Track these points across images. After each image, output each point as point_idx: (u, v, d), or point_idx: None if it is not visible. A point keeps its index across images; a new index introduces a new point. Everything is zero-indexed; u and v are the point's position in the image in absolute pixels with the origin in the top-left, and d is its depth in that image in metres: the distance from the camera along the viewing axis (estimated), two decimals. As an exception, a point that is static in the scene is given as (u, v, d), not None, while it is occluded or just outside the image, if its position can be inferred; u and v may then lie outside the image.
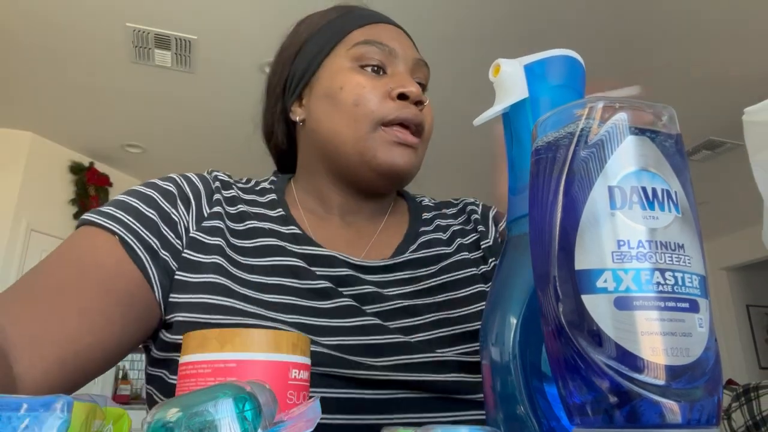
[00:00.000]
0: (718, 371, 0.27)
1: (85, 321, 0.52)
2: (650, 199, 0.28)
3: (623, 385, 0.25)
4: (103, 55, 3.36)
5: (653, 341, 0.26)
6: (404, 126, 0.66)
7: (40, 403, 0.21)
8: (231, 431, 0.22)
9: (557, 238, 0.28)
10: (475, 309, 0.66)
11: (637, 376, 0.25)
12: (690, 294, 0.27)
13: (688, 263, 0.27)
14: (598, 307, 0.27)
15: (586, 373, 0.26)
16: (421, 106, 0.68)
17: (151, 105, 3.92)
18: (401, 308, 0.64)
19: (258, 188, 0.73)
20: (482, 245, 0.74)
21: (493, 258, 0.73)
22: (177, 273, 0.59)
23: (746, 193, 5.17)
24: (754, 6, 2.88)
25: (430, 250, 0.72)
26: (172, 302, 0.58)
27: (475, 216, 0.78)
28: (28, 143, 4.24)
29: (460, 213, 0.80)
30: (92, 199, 4.51)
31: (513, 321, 0.36)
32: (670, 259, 0.27)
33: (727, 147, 4.30)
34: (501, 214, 0.78)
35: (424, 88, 0.73)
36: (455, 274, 0.69)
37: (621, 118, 0.29)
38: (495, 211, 0.79)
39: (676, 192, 0.29)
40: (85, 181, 4.53)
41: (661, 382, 0.25)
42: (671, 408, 0.25)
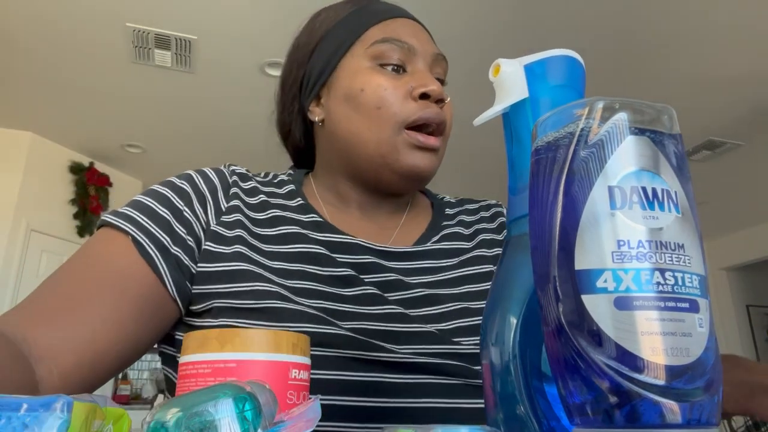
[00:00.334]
0: (718, 371, 0.27)
1: (101, 327, 0.54)
2: (650, 199, 0.28)
3: (623, 385, 0.25)
4: (103, 55, 3.36)
5: (653, 341, 0.26)
6: (426, 126, 0.66)
7: (40, 403, 0.21)
8: (231, 431, 0.22)
9: (557, 238, 0.28)
10: None
11: (637, 376, 0.25)
12: (690, 294, 0.27)
13: (688, 263, 0.27)
14: (598, 307, 0.27)
15: (586, 373, 0.26)
16: (442, 103, 0.68)
17: (151, 105, 3.92)
18: (424, 296, 0.64)
19: (276, 180, 0.74)
20: None
21: None
22: (199, 265, 0.60)
23: (746, 193, 5.17)
24: (754, 6, 2.88)
25: (452, 243, 0.72)
26: (198, 293, 0.60)
27: (501, 219, 0.78)
28: (28, 143, 4.25)
29: (483, 210, 0.80)
30: (92, 199, 4.52)
31: (513, 321, 0.36)
32: (670, 259, 0.27)
33: (727, 147, 4.30)
34: None
35: (442, 83, 0.72)
36: (475, 268, 0.70)
37: (621, 118, 0.29)
38: None
39: (676, 192, 0.29)
40: (85, 181, 4.53)
41: (661, 382, 0.25)
42: (671, 408, 0.25)
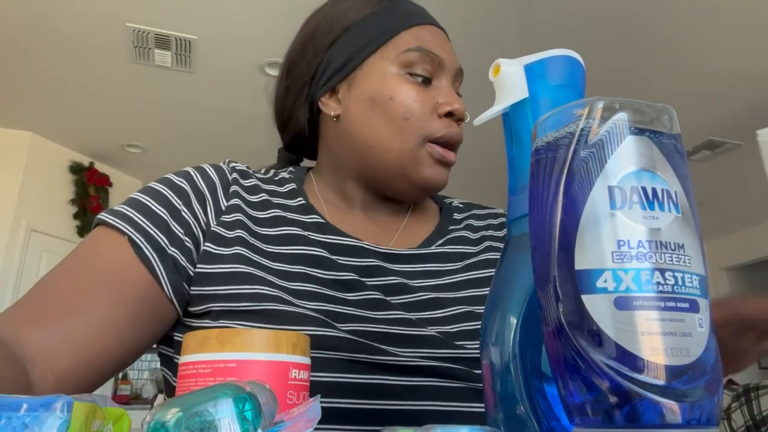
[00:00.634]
0: (718, 371, 0.27)
1: (96, 329, 0.53)
2: (650, 199, 0.28)
3: (623, 385, 0.25)
4: (103, 55, 3.36)
5: (653, 341, 0.26)
6: (446, 142, 0.67)
7: (40, 403, 0.21)
8: (231, 431, 0.22)
9: (557, 238, 0.28)
10: None
11: (637, 376, 0.25)
12: (690, 294, 0.27)
13: (688, 263, 0.27)
14: (598, 307, 0.27)
15: (586, 373, 0.26)
16: (461, 122, 0.69)
17: (151, 105, 3.92)
18: (428, 300, 0.64)
19: (277, 178, 0.73)
20: None
21: None
22: (198, 266, 0.60)
23: (746, 193, 5.17)
24: (754, 6, 2.88)
25: (457, 247, 0.72)
26: (197, 294, 0.59)
27: None
28: (28, 143, 4.25)
29: (491, 218, 0.80)
30: (92, 199, 4.51)
31: (513, 321, 0.36)
32: (670, 259, 0.27)
33: (727, 147, 4.30)
34: None
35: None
36: (480, 272, 0.69)
37: (621, 118, 0.29)
38: None
39: (676, 192, 0.29)
40: (85, 181, 4.53)
41: (661, 382, 0.25)
42: (671, 408, 0.25)
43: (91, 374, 0.53)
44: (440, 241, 0.71)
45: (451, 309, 0.64)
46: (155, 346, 0.63)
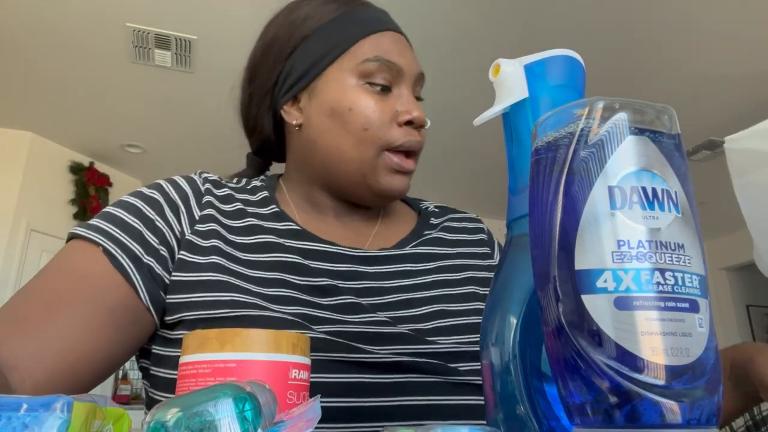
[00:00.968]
0: (718, 371, 0.27)
1: (74, 338, 0.53)
2: (650, 199, 0.28)
3: (623, 385, 0.25)
4: (103, 55, 3.36)
5: (653, 341, 0.26)
6: (407, 151, 0.68)
7: (40, 403, 0.21)
8: (231, 431, 0.22)
9: (557, 238, 0.28)
10: (472, 306, 0.67)
11: (637, 376, 0.25)
12: (690, 294, 0.27)
13: (688, 263, 0.27)
14: (598, 307, 0.27)
15: (586, 373, 0.26)
16: (422, 129, 0.69)
17: (151, 105, 3.92)
18: (400, 300, 0.65)
19: (249, 187, 0.73)
20: (485, 264, 0.75)
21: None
22: (173, 275, 0.59)
23: (746, 193, 5.16)
24: (754, 6, 2.88)
25: (432, 248, 0.73)
26: (172, 303, 0.58)
27: (482, 236, 0.79)
28: (28, 143, 4.24)
29: (467, 222, 0.81)
30: (92, 199, 4.51)
31: (513, 321, 0.36)
32: (670, 259, 0.27)
33: (727, 147, 4.30)
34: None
35: (418, 99, 0.73)
36: (453, 275, 0.70)
37: (621, 118, 0.29)
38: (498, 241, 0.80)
39: (676, 192, 0.29)
40: (85, 181, 4.53)
41: (661, 382, 0.25)
42: (671, 408, 0.25)
43: (68, 382, 0.53)
44: (414, 243, 0.72)
45: (423, 308, 0.65)
46: (134, 358, 0.63)
